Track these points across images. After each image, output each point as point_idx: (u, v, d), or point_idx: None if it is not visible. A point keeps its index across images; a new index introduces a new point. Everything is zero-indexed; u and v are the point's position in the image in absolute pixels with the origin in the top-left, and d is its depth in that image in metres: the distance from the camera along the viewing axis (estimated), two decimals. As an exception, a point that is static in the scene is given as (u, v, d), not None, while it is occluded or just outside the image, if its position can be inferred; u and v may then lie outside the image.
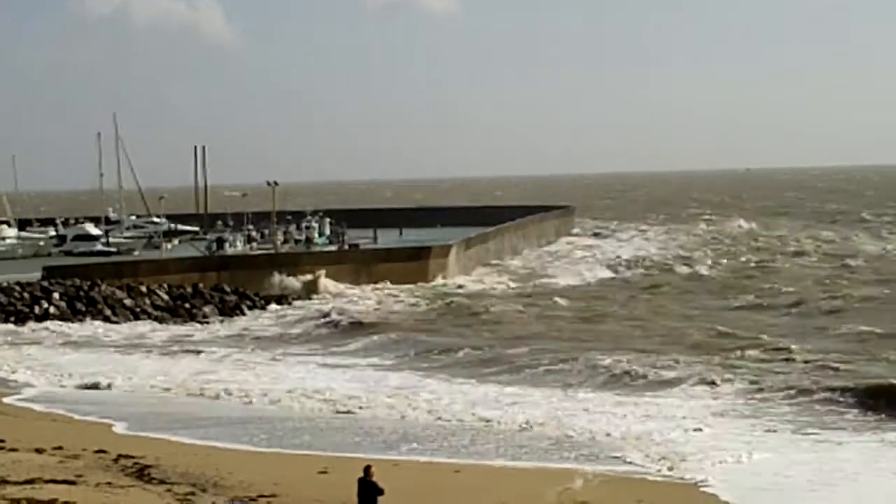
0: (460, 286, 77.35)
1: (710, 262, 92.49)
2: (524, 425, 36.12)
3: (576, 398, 40.68)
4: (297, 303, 69.07)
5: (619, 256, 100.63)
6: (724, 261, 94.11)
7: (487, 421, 36.85)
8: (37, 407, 41.15)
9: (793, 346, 48.58)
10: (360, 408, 39.86)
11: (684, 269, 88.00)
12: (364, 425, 37.16)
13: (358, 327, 59.94)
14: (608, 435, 34.32)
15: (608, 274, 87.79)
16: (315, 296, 70.90)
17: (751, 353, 47.60)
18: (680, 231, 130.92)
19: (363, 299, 70.29)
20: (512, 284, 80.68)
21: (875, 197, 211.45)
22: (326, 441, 34.75)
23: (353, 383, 44.90)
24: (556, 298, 71.25)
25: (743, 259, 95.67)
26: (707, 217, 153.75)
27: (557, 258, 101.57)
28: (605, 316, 63.06)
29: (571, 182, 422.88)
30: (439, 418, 37.70)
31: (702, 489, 28.26)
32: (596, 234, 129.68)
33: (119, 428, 37.04)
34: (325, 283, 72.82)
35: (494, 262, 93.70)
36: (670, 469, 30.10)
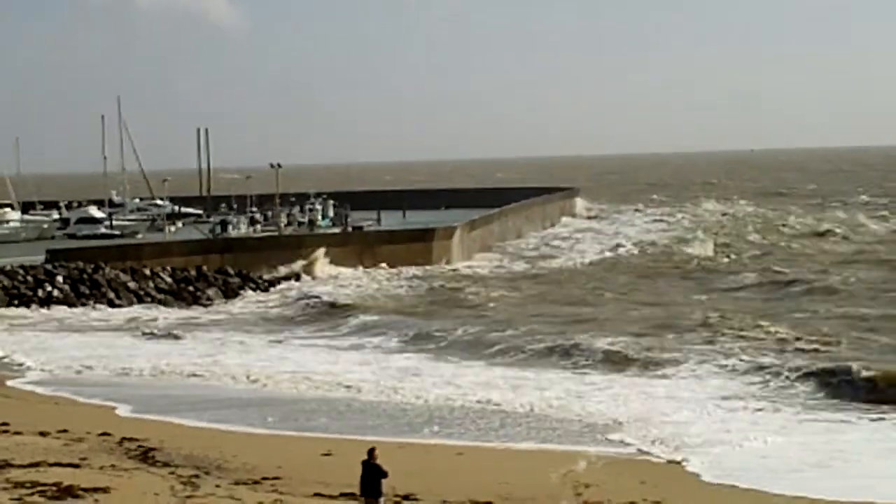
0: (458, 269, 77.18)
1: (711, 243, 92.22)
2: (527, 407, 36.16)
3: (579, 380, 40.69)
4: (297, 284, 69.10)
5: (620, 238, 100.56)
6: (726, 242, 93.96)
7: (490, 403, 36.87)
8: (40, 390, 41.22)
9: (797, 329, 48.55)
10: (362, 390, 39.88)
11: (685, 251, 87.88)
12: (366, 407, 37.23)
13: (356, 309, 59.78)
14: (611, 417, 34.40)
15: (609, 255, 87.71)
16: (313, 278, 70.84)
17: (754, 334, 47.57)
18: (679, 213, 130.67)
19: (361, 281, 70.31)
20: (514, 266, 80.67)
21: (874, 177, 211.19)
22: (330, 423, 34.81)
23: (353, 365, 44.95)
24: (559, 280, 71.22)
25: (747, 240, 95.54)
26: (707, 199, 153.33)
27: (560, 240, 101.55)
28: (607, 298, 63.03)
29: (571, 163, 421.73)
30: (442, 400, 37.73)
31: (697, 471, 28.30)
32: (597, 217, 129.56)
33: (123, 411, 37.12)
34: (324, 265, 72.76)
35: (498, 243, 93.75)
36: (670, 451, 30.16)
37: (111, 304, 62.98)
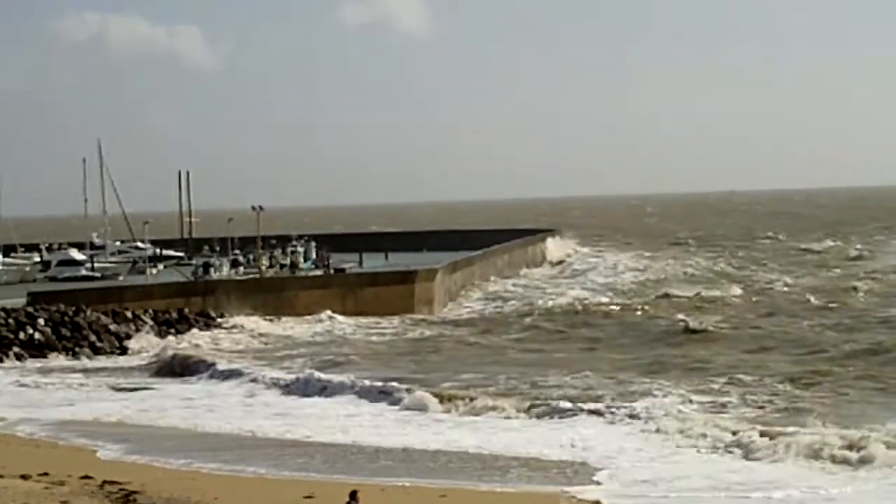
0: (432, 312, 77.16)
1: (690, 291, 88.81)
2: (504, 450, 36.20)
3: (553, 424, 40.65)
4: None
5: (587, 282, 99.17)
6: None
7: (469, 447, 36.94)
8: (21, 433, 41.11)
9: (754, 377, 47.79)
10: (342, 433, 39.95)
11: (654, 301, 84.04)
12: (347, 450, 37.24)
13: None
14: (589, 460, 34.54)
15: (569, 301, 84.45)
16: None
17: (719, 381, 46.85)
18: (661, 258, 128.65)
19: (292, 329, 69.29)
20: (494, 308, 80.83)
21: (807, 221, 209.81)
22: (312, 466, 34.80)
23: (326, 409, 45.22)
24: (547, 322, 71.12)
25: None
26: (685, 247, 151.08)
27: (541, 282, 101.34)
28: (594, 342, 63.10)
29: (532, 205, 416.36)
30: (421, 444, 37.81)
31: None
32: (566, 262, 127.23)
33: (104, 454, 37.04)
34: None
35: (480, 285, 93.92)
36: (651, 494, 30.26)
37: (93, 349, 62.81)
